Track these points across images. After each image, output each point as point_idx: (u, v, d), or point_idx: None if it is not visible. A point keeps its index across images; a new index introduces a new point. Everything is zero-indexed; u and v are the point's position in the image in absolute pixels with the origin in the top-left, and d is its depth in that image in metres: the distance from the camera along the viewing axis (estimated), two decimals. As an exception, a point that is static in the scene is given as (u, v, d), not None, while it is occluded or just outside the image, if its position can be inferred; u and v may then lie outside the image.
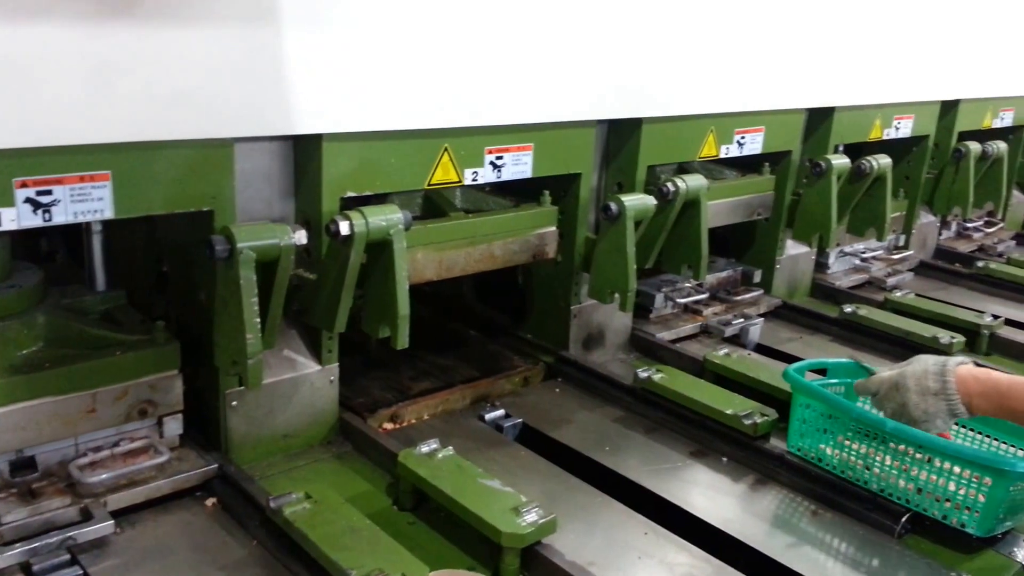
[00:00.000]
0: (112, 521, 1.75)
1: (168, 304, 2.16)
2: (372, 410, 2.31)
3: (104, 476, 1.83)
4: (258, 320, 1.76)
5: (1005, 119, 4.31)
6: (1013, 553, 1.92)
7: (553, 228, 2.58)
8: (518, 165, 2.38)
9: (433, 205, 2.45)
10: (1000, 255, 4.25)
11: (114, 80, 1.60)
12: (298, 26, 1.80)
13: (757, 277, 3.38)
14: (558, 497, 2.01)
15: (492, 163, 2.32)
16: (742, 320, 3.04)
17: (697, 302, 3.15)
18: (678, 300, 3.13)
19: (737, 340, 3.00)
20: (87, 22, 1.55)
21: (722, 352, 2.69)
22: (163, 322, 1.95)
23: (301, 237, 1.82)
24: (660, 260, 2.77)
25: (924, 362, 2.00)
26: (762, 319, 3.11)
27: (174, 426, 1.98)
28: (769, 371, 2.55)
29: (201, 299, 1.95)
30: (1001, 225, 4.66)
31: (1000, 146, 4.01)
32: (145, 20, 1.60)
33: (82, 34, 1.55)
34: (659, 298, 3.07)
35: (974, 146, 3.88)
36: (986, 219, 4.64)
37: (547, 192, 2.54)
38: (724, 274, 3.33)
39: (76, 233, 2.11)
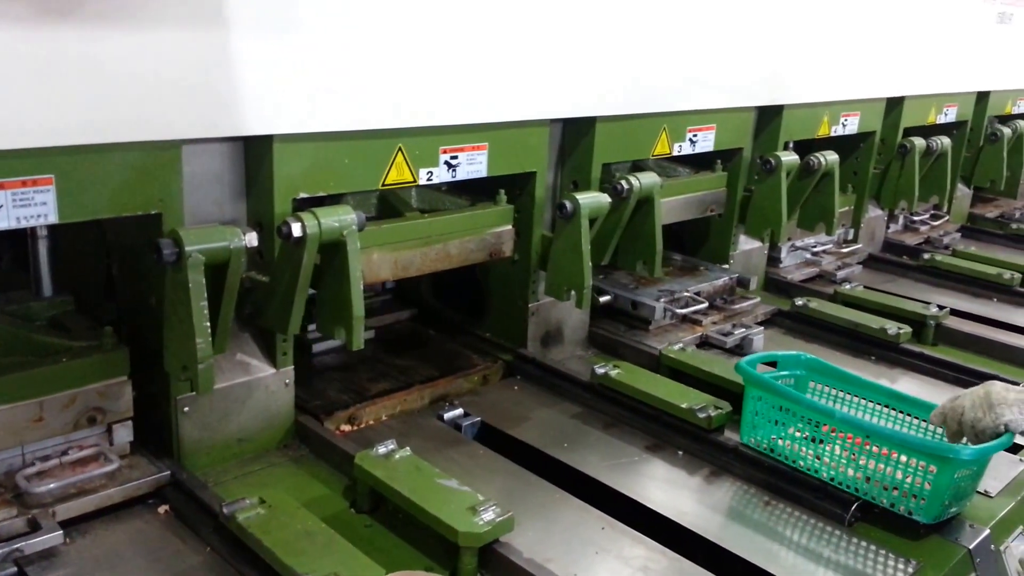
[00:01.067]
0: (61, 531, 1.72)
1: (118, 309, 2.12)
2: (329, 412, 2.30)
3: (52, 486, 1.79)
4: (208, 324, 1.74)
5: (949, 115, 4.42)
6: (959, 539, 1.96)
7: (509, 227, 2.59)
8: (473, 164, 2.39)
9: (388, 205, 2.44)
10: (946, 247, 4.36)
11: (57, 82, 1.57)
12: (247, 27, 1.78)
13: (753, 284, 3.34)
14: (517, 495, 2.02)
15: (447, 163, 2.32)
16: (743, 330, 2.97)
17: (696, 312, 3.07)
18: (677, 310, 3.05)
19: (740, 351, 2.91)
20: (29, 24, 1.51)
21: (677, 347, 2.72)
22: (111, 328, 1.91)
23: (252, 239, 1.80)
24: (616, 257, 2.79)
25: None
26: (763, 328, 3.06)
27: (124, 433, 1.95)
28: (723, 365, 2.59)
29: (151, 304, 1.92)
30: (946, 218, 4.78)
31: (944, 141, 4.12)
32: (89, 21, 1.57)
33: (23, 36, 1.51)
34: (659, 309, 2.99)
35: (919, 141, 3.97)
36: (932, 212, 4.76)
37: (503, 191, 2.55)
38: (720, 282, 3.27)
39: (21, 238, 2.06)
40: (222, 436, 2.07)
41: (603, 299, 2.98)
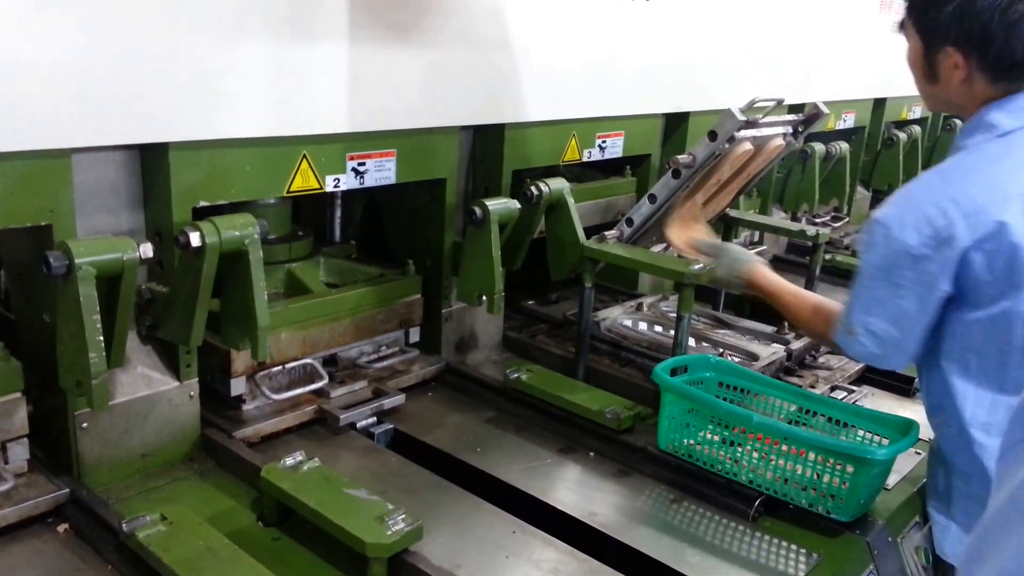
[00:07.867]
0: (-49, 556, 1.65)
1: (15, 324, 2.04)
2: (238, 424, 2.25)
3: (-58, 509, 1.72)
4: (101, 338, 1.68)
5: (847, 121, 4.59)
6: (858, 531, 2.02)
7: (418, 296, 2.63)
8: (381, 171, 2.38)
9: (296, 281, 2.44)
10: (846, 248, 4.51)
11: (-67, 89, 1.50)
12: (136, 29, 1.73)
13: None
14: (429, 502, 2.02)
15: (354, 169, 2.30)
16: None
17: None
18: None
19: None
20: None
21: (589, 350, 2.76)
22: (2, 343, 1.84)
23: (147, 251, 1.74)
24: (548, 267, 2.80)
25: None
26: None
27: (20, 451, 1.88)
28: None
29: (44, 318, 1.85)
30: (847, 220, 4.94)
31: (843, 146, 4.27)
32: (-33, 24, 1.51)
33: None
34: None
35: (819, 147, 4.11)
36: (833, 214, 4.92)
37: (411, 262, 2.61)
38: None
39: (-97, 252, 1.97)
40: (124, 451, 2.01)
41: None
